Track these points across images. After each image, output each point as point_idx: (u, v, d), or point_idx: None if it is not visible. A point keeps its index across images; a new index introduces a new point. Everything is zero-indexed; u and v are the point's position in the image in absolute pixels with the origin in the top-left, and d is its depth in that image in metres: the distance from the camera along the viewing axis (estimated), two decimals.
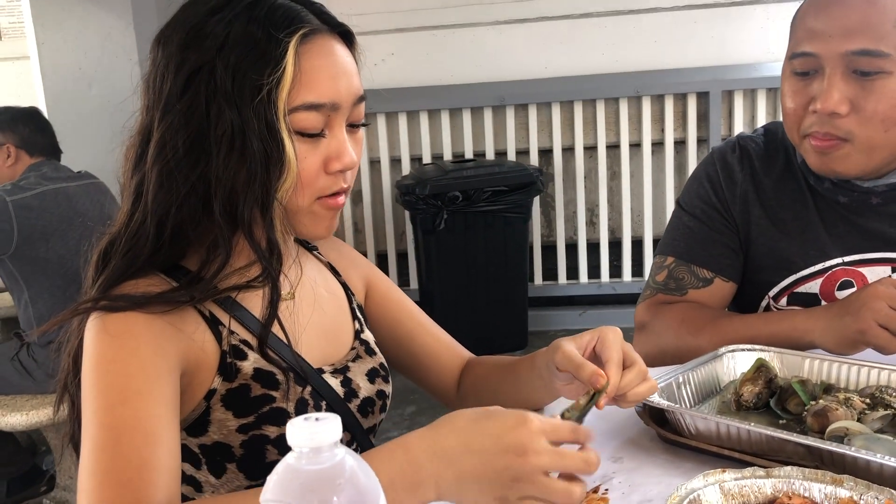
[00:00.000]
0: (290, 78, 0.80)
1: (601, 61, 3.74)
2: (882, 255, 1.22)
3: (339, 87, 0.83)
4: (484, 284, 3.51)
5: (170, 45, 0.83)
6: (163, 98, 0.82)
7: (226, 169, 0.81)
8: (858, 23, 1.09)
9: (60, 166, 2.50)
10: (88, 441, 0.74)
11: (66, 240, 2.34)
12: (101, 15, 3.32)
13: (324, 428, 0.46)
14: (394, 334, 1.09)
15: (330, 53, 0.84)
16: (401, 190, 3.47)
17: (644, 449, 0.90)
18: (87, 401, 0.77)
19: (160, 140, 0.81)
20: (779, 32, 3.62)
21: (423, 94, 3.76)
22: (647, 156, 3.73)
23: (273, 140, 0.80)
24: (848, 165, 1.16)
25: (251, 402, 0.85)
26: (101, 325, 0.79)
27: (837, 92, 1.11)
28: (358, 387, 0.97)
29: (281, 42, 0.80)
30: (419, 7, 3.78)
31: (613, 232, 3.91)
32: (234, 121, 0.79)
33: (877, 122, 1.11)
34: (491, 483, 0.66)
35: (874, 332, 1.01)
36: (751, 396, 0.96)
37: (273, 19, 0.81)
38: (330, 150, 0.84)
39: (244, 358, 0.86)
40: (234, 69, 0.79)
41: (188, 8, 0.85)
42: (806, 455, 0.79)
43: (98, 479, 0.71)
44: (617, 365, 0.82)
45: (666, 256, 1.32)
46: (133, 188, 0.85)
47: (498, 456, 0.66)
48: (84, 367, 0.79)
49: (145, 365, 0.77)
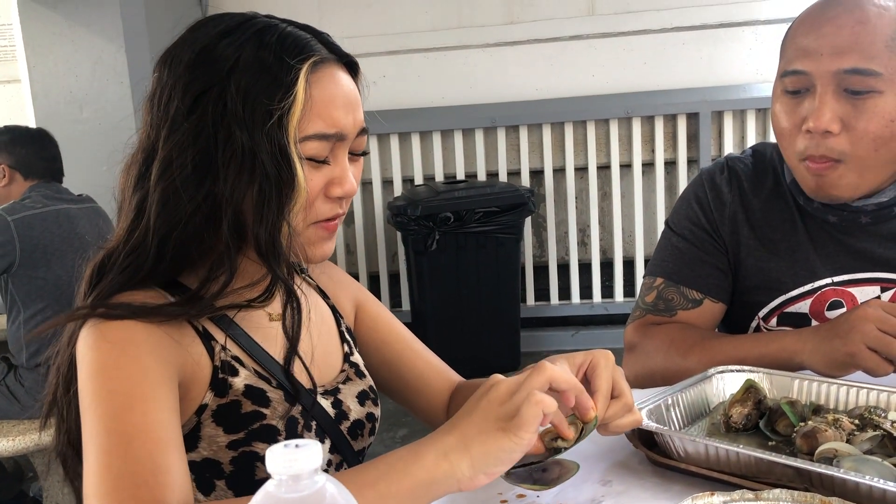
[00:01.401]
0: (301, 105, 0.81)
1: (591, 83, 3.77)
2: (871, 274, 1.22)
3: (346, 118, 0.85)
4: (476, 305, 3.51)
5: (177, 66, 0.83)
6: (169, 117, 0.82)
7: (235, 190, 0.81)
8: (849, 42, 1.10)
9: (62, 188, 2.50)
10: (95, 448, 0.73)
11: (64, 261, 2.33)
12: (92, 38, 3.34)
13: (304, 455, 0.46)
14: (383, 357, 1.09)
15: (338, 83, 0.85)
16: (392, 211, 3.47)
17: (633, 472, 0.89)
18: (90, 408, 0.75)
19: (166, 158, 0.82)
20: (768, 53, 3.65)
21: (414, 116, 3.77)
22: (638, 176, 3.74)
23: (285, 163, 0.81)
24: (841, 189, 1.16)
25: (242, 418, 0.85)
26: (100, 333, 0.78)
27: (829, 110, 1.11)
28: (349, 409, 0.97)
29: (292, 68, 0.81)
30: (411, 30, 3.80)
31: (605, 252, 3.91)
32: (245, 143, 0.80)
33: (868, 142, 1.11)
34: (486, 419, 0.72)
35: (863, 354, 1.00)
36: (740, 418, 0.96)
37: (284, 46, 0.82)
38: (333, 176, 0.86)
39: (235, 374, 0.86)
40: (245, 93, 0.80)
41: (197, 30, 0.85)
42: (795, 477, 0.79)
43: (111, 483, 0.70)
44: (605, 396, 0.81)
45: (655, 277, 1.32)
46: (134, 205, 0.85)
47: (485, 403, 0.73)
48: (82, 375, 0.78)
49: (148, 371, 0.77)
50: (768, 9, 3.63)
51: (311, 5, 3.79)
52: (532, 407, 0.71)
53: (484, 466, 0.71)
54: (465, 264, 3.44)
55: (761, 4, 3.64)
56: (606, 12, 3.73)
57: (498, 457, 0.71)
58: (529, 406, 0.71)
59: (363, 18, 3.81)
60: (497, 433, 0.71)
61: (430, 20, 3.81)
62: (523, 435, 0.70)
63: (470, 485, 0.71)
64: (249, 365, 0.88)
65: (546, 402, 0.71)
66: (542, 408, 0.71)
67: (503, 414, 0.71)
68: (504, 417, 0.71)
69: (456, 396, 1.09)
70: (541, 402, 0.71)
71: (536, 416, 0.71)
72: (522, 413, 0.70)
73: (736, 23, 3.67)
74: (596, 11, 3.74)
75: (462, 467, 0.70)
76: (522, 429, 0.70)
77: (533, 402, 0.71)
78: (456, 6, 3.80)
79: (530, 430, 0.70)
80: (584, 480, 0.87)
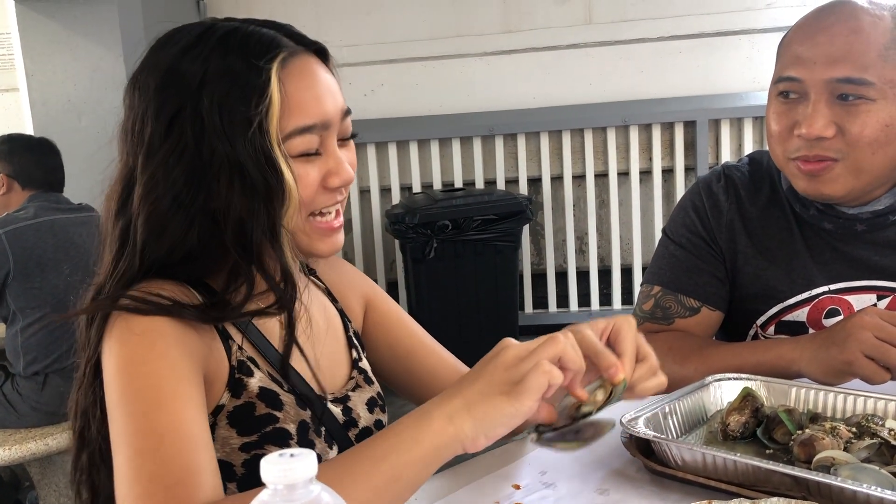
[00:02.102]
0: (277, 105, 0.80)
1: (589, 91, 3.77)
2: (867, 283, 1.22)
3: (325, 105, 0.84)
4: (474, 313, 3.50)
5: (146, 90, 0.82)
6: (144, 142, 0.81)
7: (229, 202, 0.80)
8: (843, 51, 1.11)
9: (61, 198, 2.50)
10: (126, 448, 0.72)
11: (60, 270, 2.33)
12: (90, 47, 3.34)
13: (298, 464, 0.46)
14: (393, 352, 1.09)
15: (311, 73, 0.84)
16: (390, 219, 3.47)
17: (630, 480, 0.89)
18: (118, 406, 0.75)
19: (148, 182, 0.81)
20: (764, 62, 3.66)
21: (412, 124, 3.78)
22: (636, 184, 3.75)
23: (271, 169, 0.80)
24: (836, 187, 1.16)
25: (255, 420, 0.85)
26: (126, 326, 0.78)
27: (822, 117, 1.12)
28: (358, 416, 0.97)
29: (262, 70, 0.80)
30: (409, 38, 3.81)
31: (603, 260, 3.91)
32: (228, 155, 0.79)
33: (864, 145, 1.12)
34: (490, 383, 0.72)
35: (860, 362, 1.00)
36: (737, 426, 0.95)
37: (249, 48, 0.81)
38: (329, 167, 0.85)
39: (251, 375, 0.86)
40: (220, 104, 0.79)
41: (158, 51, 0.84)
42: (793, 485, 0.79)
43: (143, 486, 0.69)
44: (631, 359, 0.81)
45: (653, 285, 1.32)
46: (118, 235, 0.84)
47: (491, 367, 0.74)
48: (109, 370, 0.77)
49: (176, 367, 0.76)
50: (765, 18, 3.65)
51: (308, 14, 3.80)
52: (539, 376, 0.71)
53: (484, 429, 0.72)
54: (464, 272, 3.44)
55: (758, 13, 3.65)
56: (603, 21, 3.74)
57: (498, 420, 0.72)
58: (536, 375, 0.71)
59: (361, 27, 3.81)
60: (500, 397, 0.72)
61: (428, 29, 3.82)
62: (525, 402, 0.71)
63: (473, 446, 0.72)
64: (263, 367, 0.88)
65: (554, 373, 0.72)
66: (548, 379, 0.72)
67: (508, 379, 0.72)
68: (508, 382, 0.72)
69: None
70: (549, 373, 0.72)
71: (541, 386, 0.71)
72: (528, 380, 0.71)
73: (733, 31, 3.68)
74: (593, 20, 3.76)
75: (465, 428, 0.71)
76: (525, 395, 0.71)
77: (541, 371, 0.71)
78: (453, 15, 3.81)
79: (533, 398, 0.71)
80: (581, 490, 0.87)
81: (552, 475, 0.90)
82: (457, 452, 0.73)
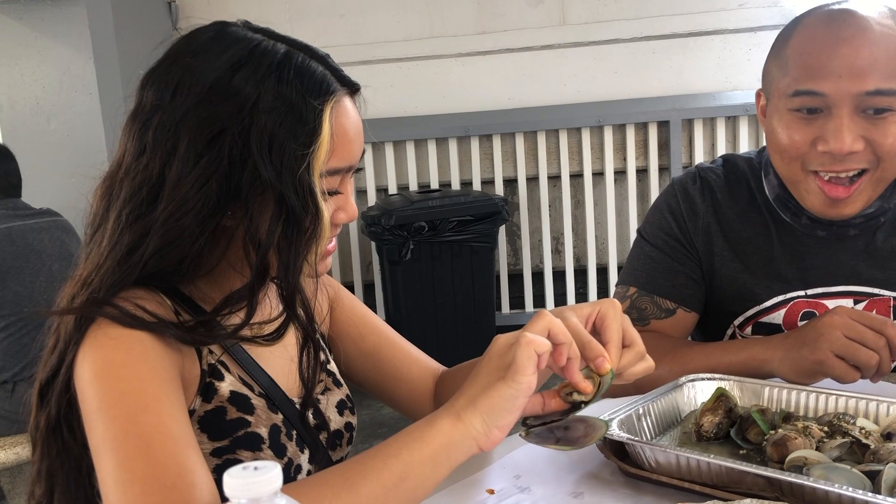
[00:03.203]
0: (327, 145, 0.81)
1: (563, 92, 3.78)
2: (844, 288, 1.23)
3: (358, 149, 0.86)
4: (451, 314, 3.50)
5: (185, 96, 0.80)
6: (177, 150, 0.79)
7: (259, 229, 0.80)
8: (869, 63, 1.08)
9: (19, 203, 2.44)
10: (112, 452, 0.70)
11: (21, 278, 2.28)
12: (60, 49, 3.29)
13: (263, 478, 0.44)
14: (360, 350, 1.09)
15: (352, 118, 0.86)
16: (367, 221, 3.46)
17: (605, 483, 0.88)
18: (100, 412, 0.73)
19: (179, 193, 0.79)
20: (736, 62, 3.69)
21: (388, 126, 3.77)
22: (610, 184, 3.76)
23: (313, 203, 0.81)
24: (857, 206, 1.15)
25: (227, 425, 0.84)
26: (102, 331, 0.76)
27: (849, 132, 1.09)
28: (329, 419, 0.97)
29: (317, 109, 0.81)
30: (384, 39, 3.80)
31: (579, 260, 3.93)
32: (272, 183, 0.79)
33: (894, 155, 1.11)
34: (489, 374, 0.75)
35: (831, 362, 1.01)
36: (711, 427, 0.96)
37: (304, 84, 0.81)
38: (339, 204, 0.87)
39: (221, 379, 0.85)
40: (272, 134, 0.79)
41: (195, 56, 0.82)
42: (766, 486, 0.79)
43: (138, 488, 0.68)
44: (617, 346, 0.82)
45: (628, 286, 1.32)
46: (132, 238, 0.80)
47: (486, 360, 0.77)
48: (84, 377, 0.75)
49: (156, 369, 0.75)
50: (737, 18, 3.67)
51: (282, 16, 3.77)
52: (523, 349, 0.73)
53: (493, 419, 0.73)
54: (440, 273, 3.43)
55: (730, 14, 3.68)
56: (577, 22, 3.75)
57: (503, 406, 0.73)
58: (521, 348, 0.73)
59: (335, 28, 3.79)
60: (498, 383, 0.73)
61: (403, 30, 3.81)
62: (520, 379, 0.73)
63: (487, 442, 0.74)
64: (234, 370, 0.87)
65: (537, 342, 0.74)
66: (533, 348, 0.73)
67: (502, 364, 0.74)
68: (502, 367, 0.74)
69: (444, 383, 1.08)
70: (531, 343, 0.73)
71: (530, 357, 0.73)
72: (517, 357, 0.73)
73: (705, 32, 3.71)
74: (567, 21, 3.77)
75: (475, 424, 0.73)
76: (519, 373, 0.73)
77: (523, 343, 0.73)
78: (428, 16, 3.80)
79: (527, 372, 0.73)
80: (555, 493, 0.86)
81: (526, 479, 0.90)
82: (471, 451, 0.74)
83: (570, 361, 0.79)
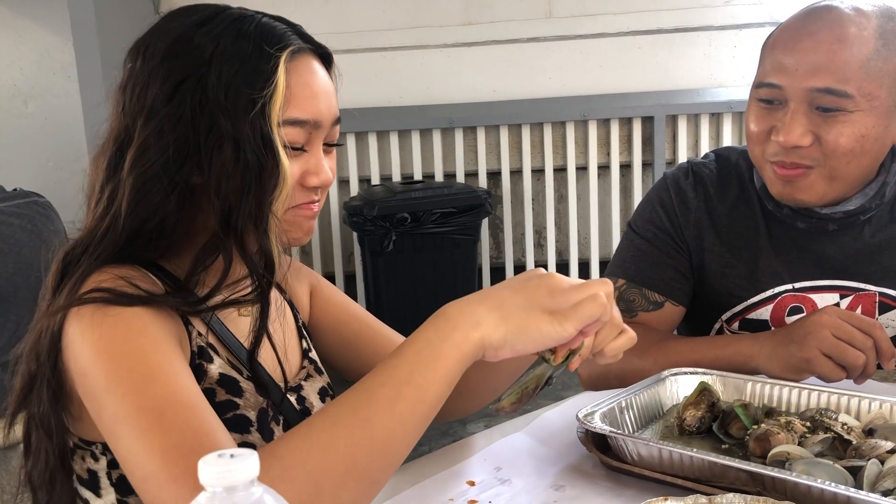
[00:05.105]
0: (281, 92, 0.82)
1: (548, 85, 3.77)
2: (831, 282, 1.23)
3: (321, 106, 0.86)
4: (433, 306, 3.39)
5: (153, 55, 0.83)
6: (145, 105, 0.81)
7: (220, 176, 0.80)
8: (826, 61, 1.10)
9: None
10: (127, 430, 0.69)
11: None
12: (38, 31, 3.24)
13: (238, 466, 0.43)
14: (341, 338, 1.08)
15: (313, 72, 0.87)
16: (349, 211, 3.43)
17: (586, 476, 0.88)
18: (108, 390, 0.72)
19: (143, 144, 0.81)
20: (721, 59, 3.70)
21: (371, 116, 3.74)
22: (594, 179, 3.76)
23: (269, 152, 0.81)
24: (810, 194, 1.16)
25: (216, 407, 0.82)
26: (99, 311, 0.75)
27: (799, 126, 1.11)
28: (311, 405, 0.97)
29: (272, 57, 0.82)
30: (368, 28, 3.77)
31: (561, 254, 3.93)
32: (228, 131, 0.80)
33: (839, 155, 1.12)
34: (532, 301, 0.72)
35: (818, 360, 1.02)
36: (693, 421, 0.95)
37: (262, 35, 0.83)
38: (309, 166, 0.86)
39: (210, 361, 0.85)
40: (227, 81, 0.80)
41: (171, 20, 0.86)
42: (748, 481, 0.79)
43: (159, 460, 0.67)
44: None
45: (617, 278, 1.32)
46: (106, 196, 0.83)
47: (535, 285, 0.74)
48: (85, 357, 0.74)
49: (157, 341, 0.75)
50: (723, 15, 3.68)
51: (265, 2, 3.72)
52: (596, 307, 0.72)
53: (516, 341, 0.71)
54: (422, 265, 3.42)
55: (716, 10, 3.69)
56: (564, 15, 3.74)
57: (534, 336, 0.71)
58: (593, 305, 0.71)
59: (319, 16, 3.76)
60: (543, 315, 0.71)
61: (388, 19, 3.78)
62: (568, 327, 0.71)
63: (494, 355, 0.72)
64: (223, 353, 0.87)
65: (608, 310, 0.72)
66: (601, 312, 0.72)
67: (554, 305, 0.72)
68: (554, 306, 0.72)
69: None
70: (604, 307, 0.72)
71: (592, 315, 0.72)
72: (582, 307, 0.71)
73: (691, 28, 3.71)
74: (553, 14, 3.75)
75: (495, 336, 0.71)
76: (570, 321, 0.71)
77: (598, 302, 0.72)
78: (413, 6, 3.78)
79: (579, 326, 0.72)
80: (536, 485, 0.86)
81: (507, 471, 0.89)
82: (476, 358, 0.72)
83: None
